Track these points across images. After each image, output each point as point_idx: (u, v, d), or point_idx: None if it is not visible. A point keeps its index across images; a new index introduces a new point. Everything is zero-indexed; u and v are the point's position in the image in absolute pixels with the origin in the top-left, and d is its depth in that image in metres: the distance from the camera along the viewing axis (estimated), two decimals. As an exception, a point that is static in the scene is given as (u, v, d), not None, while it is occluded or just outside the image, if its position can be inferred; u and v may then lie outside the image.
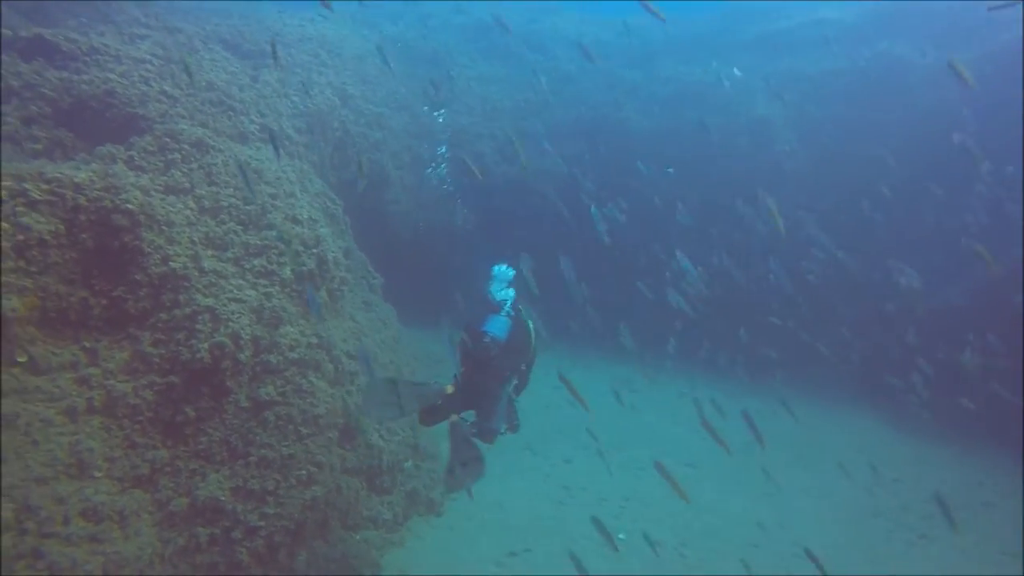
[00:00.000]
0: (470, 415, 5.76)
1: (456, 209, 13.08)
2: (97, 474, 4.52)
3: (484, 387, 5.56)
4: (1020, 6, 11.42)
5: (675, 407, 12.25)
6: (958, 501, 9.00)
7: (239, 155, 6.79)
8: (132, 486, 4.67)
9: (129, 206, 5.03)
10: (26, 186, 4.61)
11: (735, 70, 13.42)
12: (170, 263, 5.39)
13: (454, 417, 5.53)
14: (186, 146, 6.43)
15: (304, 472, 5.66)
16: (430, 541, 7.57)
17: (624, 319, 13.99)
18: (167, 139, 6.30)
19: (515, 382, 6.02)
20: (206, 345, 5.28)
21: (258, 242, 6.20)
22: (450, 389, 5.56)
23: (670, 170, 12.08)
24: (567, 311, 12.97)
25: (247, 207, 6.35)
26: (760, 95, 13.73)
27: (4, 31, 6.60)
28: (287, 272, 6.45)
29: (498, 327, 5.57)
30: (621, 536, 7.97)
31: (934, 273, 12.10)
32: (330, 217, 8.85)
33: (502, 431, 5.72)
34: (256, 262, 6.16)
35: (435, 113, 13.65)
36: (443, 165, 12.66)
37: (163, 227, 5.44)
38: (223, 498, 5.16)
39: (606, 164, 13.53)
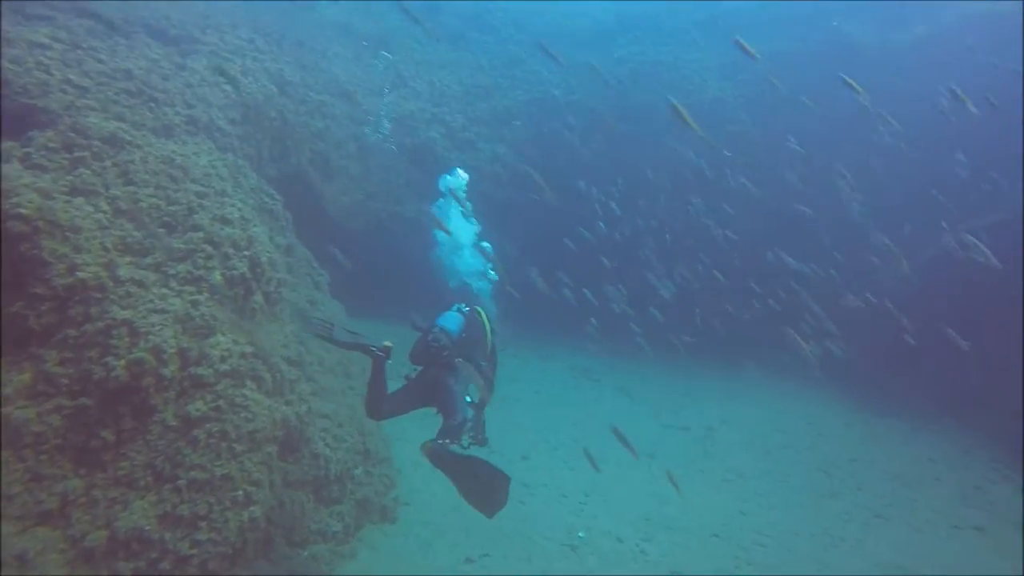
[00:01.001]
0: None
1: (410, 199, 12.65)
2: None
3: (437, 380, 5.45)
4: None
5: (635, 393, 12.16)
6: (911, 478, 9.15)
7: (161, 151, 6.25)
8: (36, 524, 4.23)
9: (23, 211, 4.51)
10: None
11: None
12: (77, 273, 4.89)
13: (427, 444, 5.21)
14: (97, 142, 5.87)
15: (240, 492, 5.28)
16: (384, 551, 7.26)
17: (588, 309, 13.88)
18: (73, 134, 5.73)
19: (477, 383, 5.84)
20: (123, 362, 4.83)
21: (183, 246, 5.72)
22: (388, 343, 5.54)
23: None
24: (529, 302, 12.77)
25: (170, 208, 5.85)
26: (713, 75, 13.60)
27: None
28: (217, 277, 5.99)
29: (449, 321, 5.60)
30: (581, 535, 7.80)
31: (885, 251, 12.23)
32: (268, 214, 8.35)
33: (468, 420, 5.56)
34: (181, 268, 5.69)
35: (382, 99, 13.12)
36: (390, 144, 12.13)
37: (68, 233, 4.93)
38: (148, 527, 4.75)
39: (558, 148, 13.26)
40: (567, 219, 12.34)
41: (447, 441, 5.23)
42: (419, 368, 5.62)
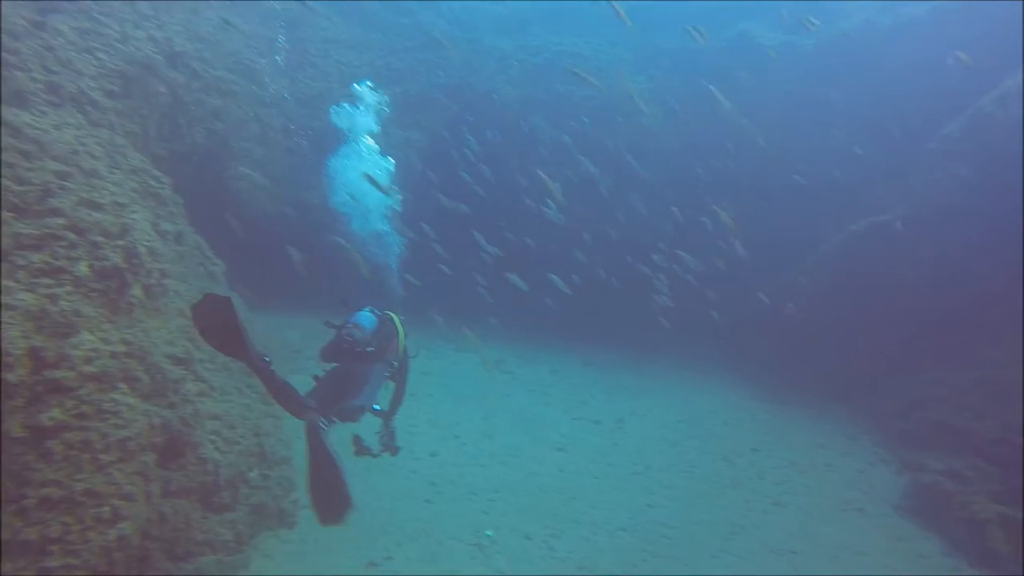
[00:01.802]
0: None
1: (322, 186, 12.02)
2: None
3: (350, 373, 5.36)
4: None
5: (547, 386, 12.13)
6: (805, 465, 9.59)
7: (8, 121, 5.51)
8: None
9: None
10: None
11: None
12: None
13: (311, 415, 4.91)
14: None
15: (107, 508, 4.76)
16: (280, 558, 6.86)
17: (498, 300, 13.71)
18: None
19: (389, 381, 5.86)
20: (-44, 366, 4.21)
21: (36, 232, 5.06)
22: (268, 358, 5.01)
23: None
24: (443, 291, 12.49)
25: (20, 188, 5.17)
26: (627, 67, 13.71)
27: None
28: (83, 268, 5.36)
29: (363, 320, 5.62)
30: (488, 533, 7.66)
31: (792, 243, 12.78)
32: (153, 198, 7.63)
33: (365, 409, 5.39)
34: (35, 258, 5.04)
35: (288, 79, 12.37)
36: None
37: None
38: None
39: (473, 135, 12.98)
40: (482, 208, 12.14)
41: (331, 423, 4.99)
42: (330, 367, 5.54)
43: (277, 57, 12.08)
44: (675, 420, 10.86)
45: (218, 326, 4.44)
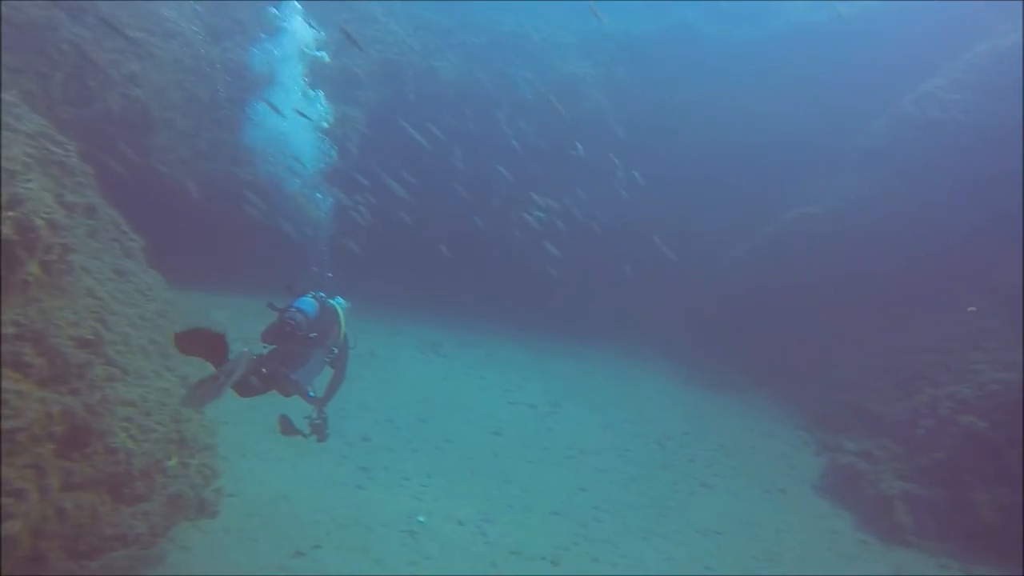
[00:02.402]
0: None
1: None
2: None
3: (290, 353, 5.34)
4: None
5: (484, 370, 12.06)
6: (732, 447, 9.90)
7: None
8: None
9: None
10: None
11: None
12: None
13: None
14: None
15: (-8, 505, 4.37)
16: (199, 550, 6.56)
17: (434, 279, 13.52)
18: None
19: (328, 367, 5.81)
20: None
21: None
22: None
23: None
24: (377, 272, 12.21)
25: None
26: (571, 51, 13.64)
27: None
28: (-35, 242, 4.87)
29: (306, 304, 5.60)
30: (421, 519, 7.56)
31: (725, 233, 13.11)
32: (57, 166, 7.02)
33: (301, 392, 5.39)
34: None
35: (217, 46, 11.65)
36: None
37: None
38: None
39: (413, 112, 12.67)
40: (419, 187, 11.87)
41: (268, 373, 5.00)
42: (271, 348, 5.44)
43: (193, 27, 11.35)
44: (609, 404, 11.00)
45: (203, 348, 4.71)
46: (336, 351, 5.95)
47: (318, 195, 8.62)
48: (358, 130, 12.71)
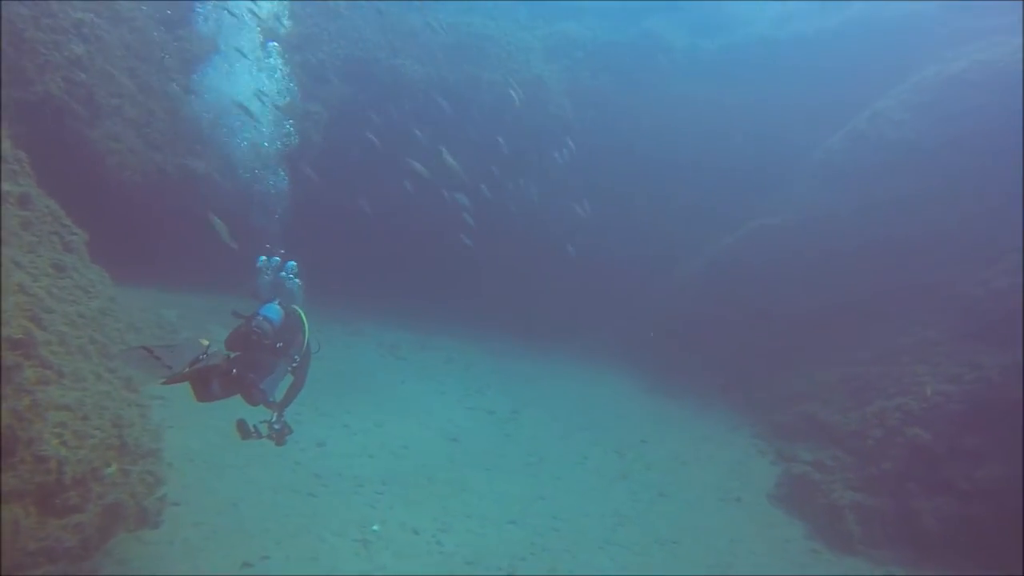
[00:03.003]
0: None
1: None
2: None
3: (255, 360, 5.31)
4: None
5: (443, 374, 11.89)
6: (689, 456, 9.96)
7: None
8: None
9: None
10: None
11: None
12: None
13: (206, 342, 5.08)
14: None
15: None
16: (138, 564, 6.23)
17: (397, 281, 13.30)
18: None
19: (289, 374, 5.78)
20: None
21: None
22: (206, 341, 5.18)
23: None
24: (338, 273, 11.94)
25: None
26: (537, 55, 13.60)
27: None
28: None
29: (272, 312, 5.56)
30: (375, 528, 7.36)
31: (685, 240, 13.25)
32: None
33: (266, 401, 5.38)
34: None
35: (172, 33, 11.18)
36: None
37: None
38: None
39: (377, 110, 12.44)
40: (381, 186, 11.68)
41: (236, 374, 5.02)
42: (234, 355, 5.39)
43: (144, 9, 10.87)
44: (569, 411, 10.97)
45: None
46: (298, 359, 5.91)
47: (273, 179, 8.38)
48: (321, 125, 12.42)
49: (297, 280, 6.52)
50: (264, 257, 6.52)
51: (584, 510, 8.33)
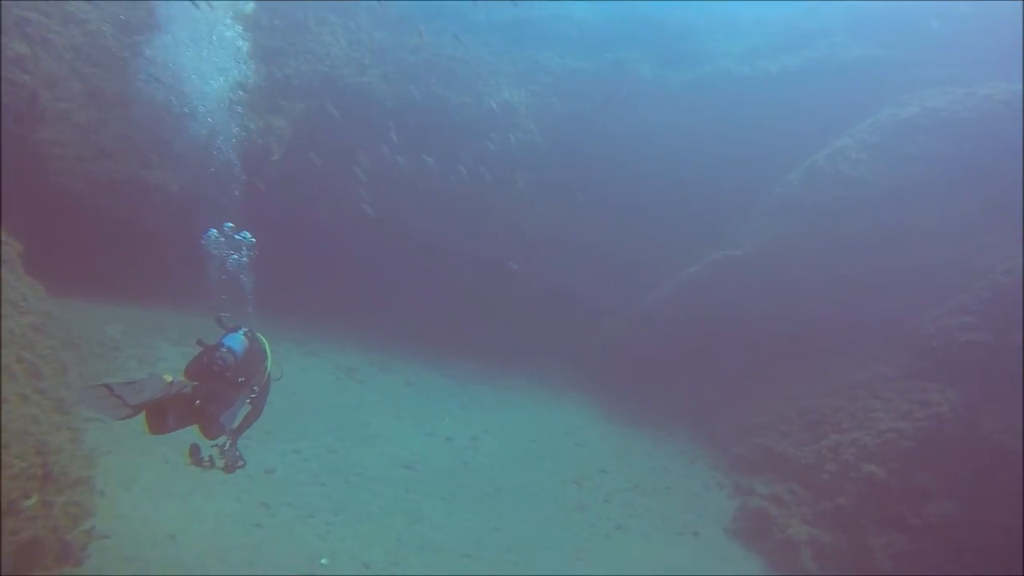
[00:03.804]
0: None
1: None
2: None
3: (215, 393, 5.09)
4: None
5: (401, 398, 11.59)
6: (648, 487, 9.88)
7: None
8: None
9: None
10: None
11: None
12: None
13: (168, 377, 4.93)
14: None
15: None
16: (55, 604, 5.77)
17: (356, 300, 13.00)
18: None
19: (247, 404, 5.61)
20: None
21: None
22: (169, 377, 4.99)
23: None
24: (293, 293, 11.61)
25: None
26: (506, 80, 13.59)
27: None
28: None
29: (236, 343, 5.39)
30: (324, 561, 7.03)
31: (648, 269, 13.31)
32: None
33: (225, 434, 5.25)
34: None
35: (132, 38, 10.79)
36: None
37: None
38: None
39: (343, 129, 12.23)
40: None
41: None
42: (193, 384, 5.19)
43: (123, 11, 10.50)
44: (528, 440, 10.79)
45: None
46: (257, 389, 5.74)
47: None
48: (283, 140, 12.13)
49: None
50: (214, 230, 6.35)
51: (541, 543, 8.14)
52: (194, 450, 5.18)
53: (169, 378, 4.97)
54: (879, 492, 8.65)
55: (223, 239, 6.49)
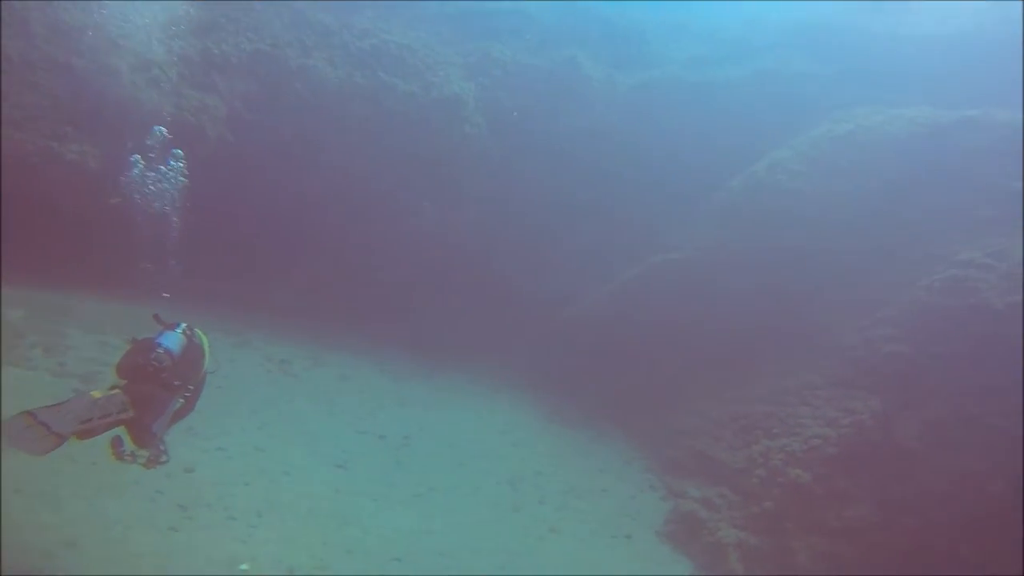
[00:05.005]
0: None
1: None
2: None
3: (145, 395, 4.82)
4: None
5: (335, 393, 11.23)
6: (584, 489, 9.90)
7: None
8: None
9: None
10: None
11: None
12: None
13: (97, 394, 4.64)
14: None
15: None
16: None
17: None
18: None
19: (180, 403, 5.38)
20: None
21: None
22: (97, 394, 4.69)
23: None
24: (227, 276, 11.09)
25: None
26: (456, 72, 13.35)
27: None
28: None
29: (173, 342, 5.20)
30: (243, 567, 6.69)
31: (591, 270, 13.37)
32: None
33: (160, 443, 5.11)
34: None
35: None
36: None
37: None
38: None
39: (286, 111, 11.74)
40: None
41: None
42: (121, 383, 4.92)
43: None
44: (464, 438, 10.64)
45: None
46: (192, 388, 5.50)
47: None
48: (218, 120, 11.53)
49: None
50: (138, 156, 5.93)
51: (473, 546, 8.01)
52: (116, 443, 4.88)
53: (98, 394, 4.65)
54: (804, 496, 8.92)
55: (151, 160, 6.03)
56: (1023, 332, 8.40)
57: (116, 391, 4.72)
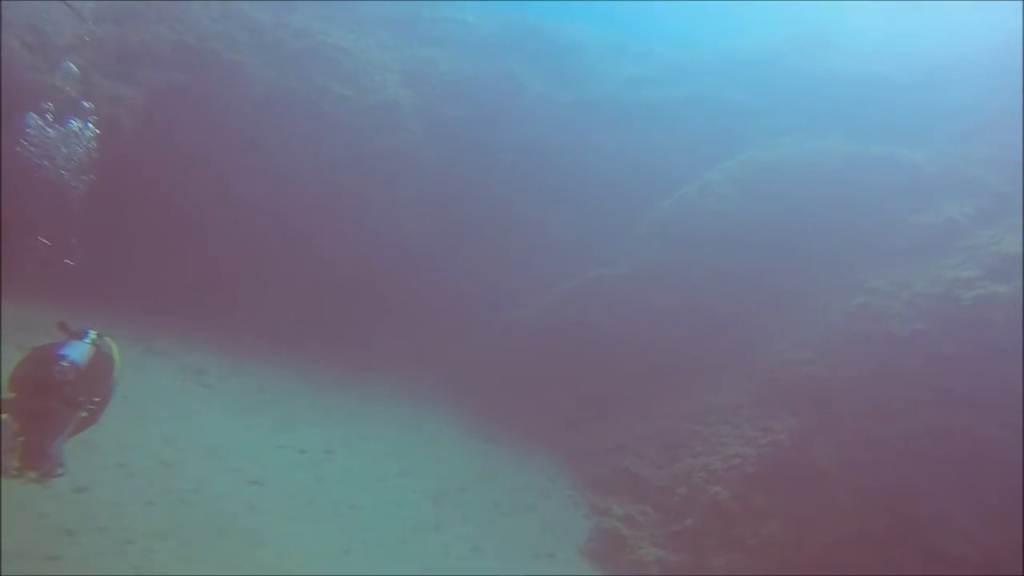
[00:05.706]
0: None
1: None
2: None
3: (44, 411, 4.46)
4: None
5: (253, 405, 10.70)
6: (508, 506, 9.77)
7: None
8: None
9: None
10: None
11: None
12: None
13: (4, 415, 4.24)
14: None
15: None
16: None
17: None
18: None
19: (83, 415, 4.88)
20: None
21: None
22: (5, 415, 4.28)
23: None
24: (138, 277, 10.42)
25: None
26: (394, 78, 13.11)
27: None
28: None
29: (78, 353, 4.79)
30: (137, 597, 6.19)
31: (523, 283, 13.33)
32: None
33: (59, 467, 4.57)
34: None
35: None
36: None
37: None
38: None
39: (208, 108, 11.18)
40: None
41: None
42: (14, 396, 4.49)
43: None
44: (388, 453, 10.33)
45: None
46: (97, 401, 5.02)
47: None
48: (135, 112, 10.87)
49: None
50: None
51: (392, 567, 7.73)
52: (3, 456, 4.32)
53: (5, 415, 4.24)
54: (723, 514, 9.09)
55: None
56: (923, 358, 8.90)
57: (3, 415, 4.25)
